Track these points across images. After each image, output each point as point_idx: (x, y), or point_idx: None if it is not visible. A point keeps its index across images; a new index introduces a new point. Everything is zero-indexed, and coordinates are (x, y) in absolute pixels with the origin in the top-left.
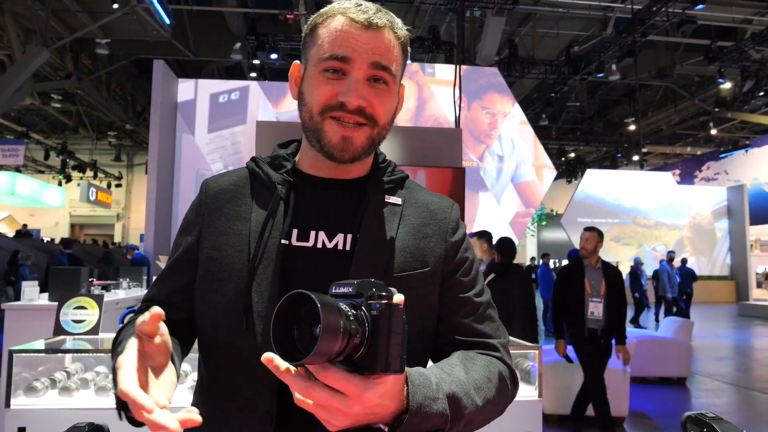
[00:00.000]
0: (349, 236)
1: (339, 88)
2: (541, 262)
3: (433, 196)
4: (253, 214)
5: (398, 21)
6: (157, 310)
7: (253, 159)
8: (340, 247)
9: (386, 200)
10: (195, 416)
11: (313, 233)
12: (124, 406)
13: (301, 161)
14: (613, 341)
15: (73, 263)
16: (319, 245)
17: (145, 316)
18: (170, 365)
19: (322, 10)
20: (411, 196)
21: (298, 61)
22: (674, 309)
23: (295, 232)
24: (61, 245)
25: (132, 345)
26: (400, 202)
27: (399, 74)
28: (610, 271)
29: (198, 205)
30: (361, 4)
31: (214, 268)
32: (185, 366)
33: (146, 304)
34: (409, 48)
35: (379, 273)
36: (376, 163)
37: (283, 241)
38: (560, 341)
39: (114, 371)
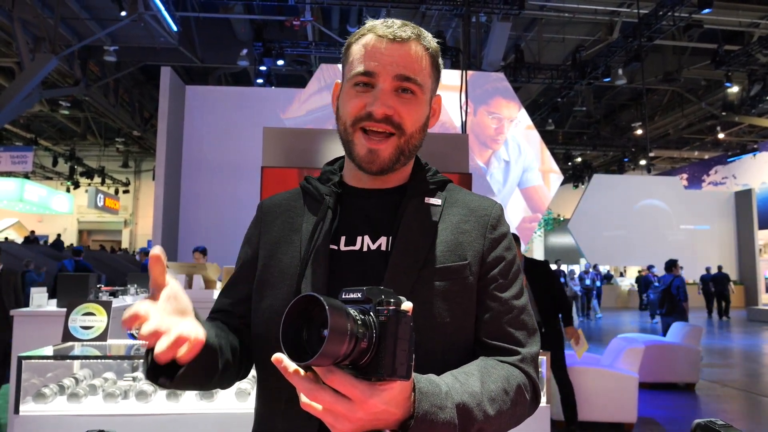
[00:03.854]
0: (391, 238)
1: (367, 99)
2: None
3: (474, 197)
4: (304, 224)
5: (426, 33)
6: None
7: (305, 178)
8: (383, 248)
9: (426, 201)
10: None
11: (359, 238)
12: (151, 370)
13: (346, 174)
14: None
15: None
16: (365, 248)
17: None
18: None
19: (357, 31)
20: (452, 197)
21: (339, 80)
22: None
23: (343, 238)
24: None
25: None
26: (439, 203)
27: (428, 84)
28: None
29: (256, 220)
30: (389, 21)
31: (268, 275)
32: None
33: (213, 315)
34: (440, 59)
35: (415, 269)
36: (417, 169)
37: (332, 247)
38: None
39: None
